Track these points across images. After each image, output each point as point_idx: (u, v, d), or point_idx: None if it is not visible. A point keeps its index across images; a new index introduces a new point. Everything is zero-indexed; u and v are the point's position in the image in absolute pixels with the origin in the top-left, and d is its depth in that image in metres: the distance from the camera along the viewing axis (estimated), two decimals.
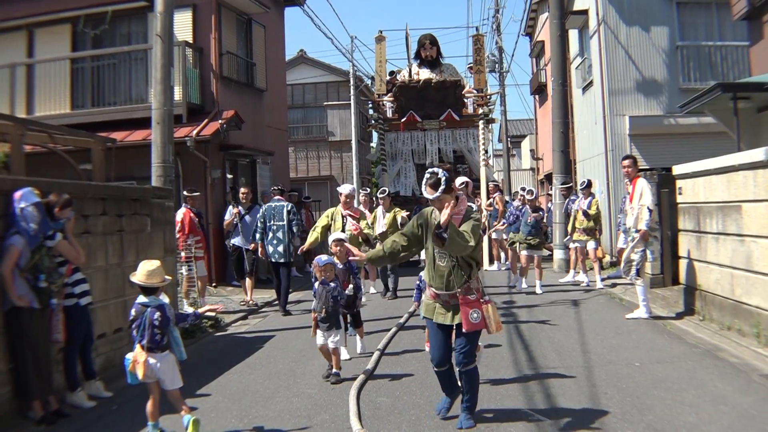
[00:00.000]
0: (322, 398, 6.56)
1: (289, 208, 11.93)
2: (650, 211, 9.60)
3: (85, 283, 6.99)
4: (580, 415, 5.61)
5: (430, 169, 5.47)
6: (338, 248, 8.07)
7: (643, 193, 9.73)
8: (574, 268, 14.30)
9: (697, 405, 5.71)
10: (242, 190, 14.13)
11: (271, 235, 11.84)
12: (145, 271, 5.40)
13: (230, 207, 14.04)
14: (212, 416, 6.21)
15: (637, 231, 9.65)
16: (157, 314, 5.28)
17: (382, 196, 13.72)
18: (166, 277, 5.56)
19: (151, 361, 5.30)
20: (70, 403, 6.71)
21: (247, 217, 13.64)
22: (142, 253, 8.83)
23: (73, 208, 6.89)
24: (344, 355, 8.05)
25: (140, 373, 5.29)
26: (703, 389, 6.16)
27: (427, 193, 5.36)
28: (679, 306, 10.08)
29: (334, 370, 7.25)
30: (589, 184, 13.93)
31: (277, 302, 12.41)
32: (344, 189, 10.97)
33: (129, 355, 5.38)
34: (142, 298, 5.42)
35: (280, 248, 11.75)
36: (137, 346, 5.34)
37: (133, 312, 5.44)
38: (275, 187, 12.86)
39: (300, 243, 11.65)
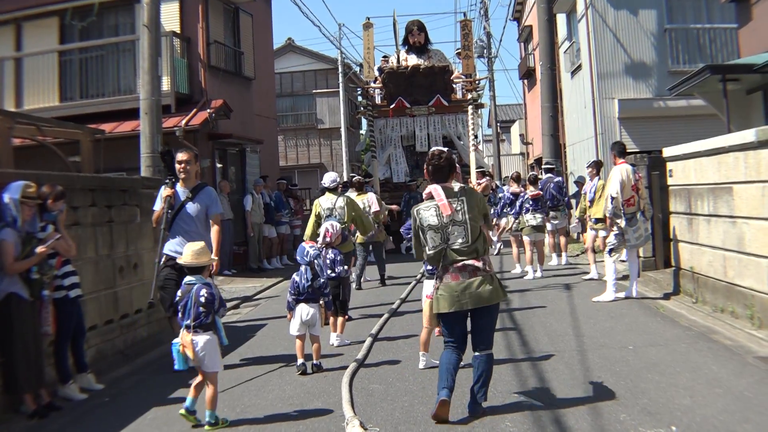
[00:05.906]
0: (314, 386, 6.54)
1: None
2: (612, 198, 9.72)
3: (74, 276, 6.92)
4: (573, 399, 5.60)
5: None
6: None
7: (610, 181, 9.92)
8: (554, 252, 14.49)
9: (692, 388, 5.70)
10: (179, 156, 7.51)
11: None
12: (191, 251, 5.58)
13: (161, 189, 7.53)
14: (204, 405, 6.18)
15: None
16: (204, 291, 5.38)
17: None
18: (213, 257, 5.82)
19: (195, 341, 5.34)
20: (62, 395, 6.66)
21: (190, 206, 7.42)
22: (132, 244, 8.78)
23: (65, 201, 6.83)
24: (332, 340, 8.04)
25: (191, 354, 5.32)
26: (697, 372, 6.15)
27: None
28: (671, 288, 10.10)
29: (315, 360, 7.03)
30: (598, 164, 12.61)
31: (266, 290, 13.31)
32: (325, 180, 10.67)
33: (176, 340, 5.44)
34: (188, 278, 5.54)
35: None
36: (183, 330, 5.40)
37: (179, 293, 5.57)
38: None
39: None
